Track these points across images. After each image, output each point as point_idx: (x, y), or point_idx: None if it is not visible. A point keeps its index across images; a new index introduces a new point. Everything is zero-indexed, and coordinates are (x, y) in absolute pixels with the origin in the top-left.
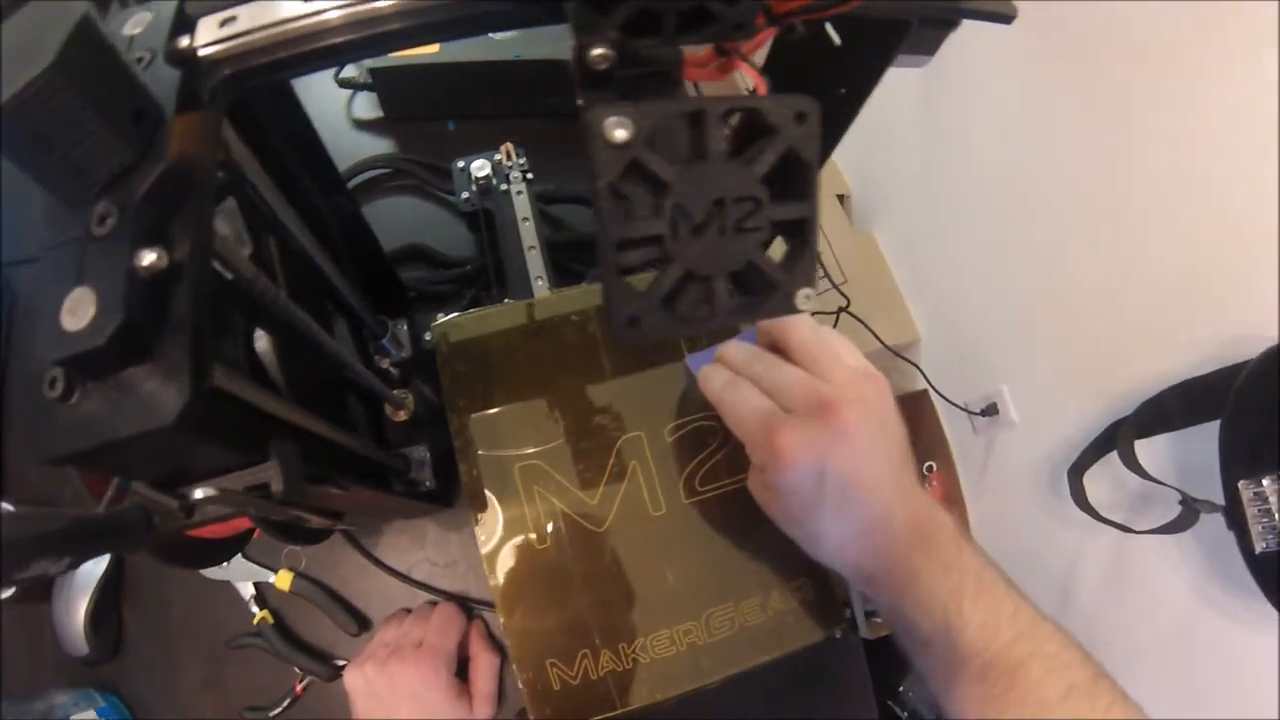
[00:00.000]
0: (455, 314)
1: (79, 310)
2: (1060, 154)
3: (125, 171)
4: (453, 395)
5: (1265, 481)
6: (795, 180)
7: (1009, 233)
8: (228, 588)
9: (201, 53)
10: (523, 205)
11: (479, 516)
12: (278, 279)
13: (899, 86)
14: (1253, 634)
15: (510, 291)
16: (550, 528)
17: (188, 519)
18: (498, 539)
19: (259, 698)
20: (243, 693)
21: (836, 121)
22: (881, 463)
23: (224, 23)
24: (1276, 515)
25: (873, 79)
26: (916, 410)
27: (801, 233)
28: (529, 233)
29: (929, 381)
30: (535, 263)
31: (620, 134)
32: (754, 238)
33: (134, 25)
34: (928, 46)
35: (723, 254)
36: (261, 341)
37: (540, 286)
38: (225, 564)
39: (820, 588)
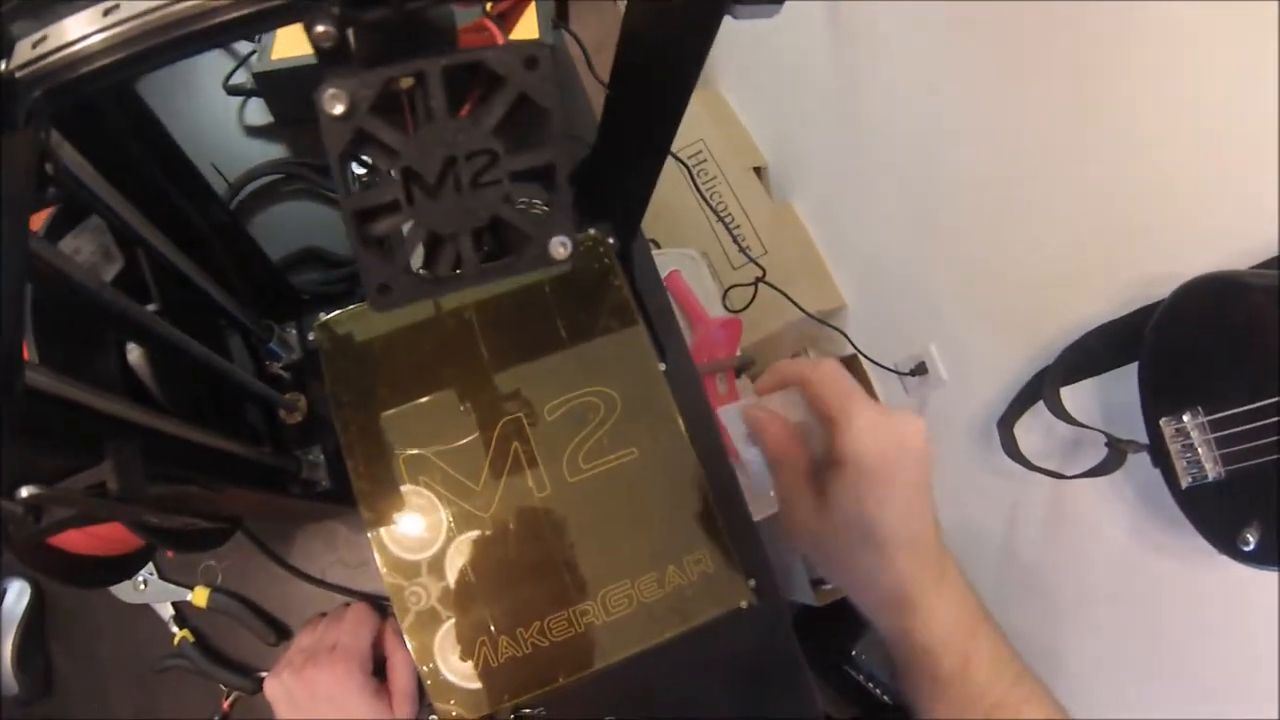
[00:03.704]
0: (337, 311)
1: None
2: (971, 110)
3: None
4: (337, 392)
5: (1185, 417)
6: (537, 127)
7: (925, 192)
8: (148, 611)
9: (19, 75)
10: None
11: (367, 513)
12: (150, 291)
13: (811, 54)
14: (1190, 567)
15: None
16: (437, 519)
17: (37, 524)
18: (387, 534)
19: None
20: (175, 716)
21: (687, 73)
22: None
23: (36, 43)
24: (1199, 450)
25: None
26: None
27: (551, 180)
28: None
29: (856, 347)
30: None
31: (338, 107)
32: (494, 192)
33: None
34: None
35: (464, 212)
36: (134, 353)
37: None
38: (142, 586)
39: (720, 561)
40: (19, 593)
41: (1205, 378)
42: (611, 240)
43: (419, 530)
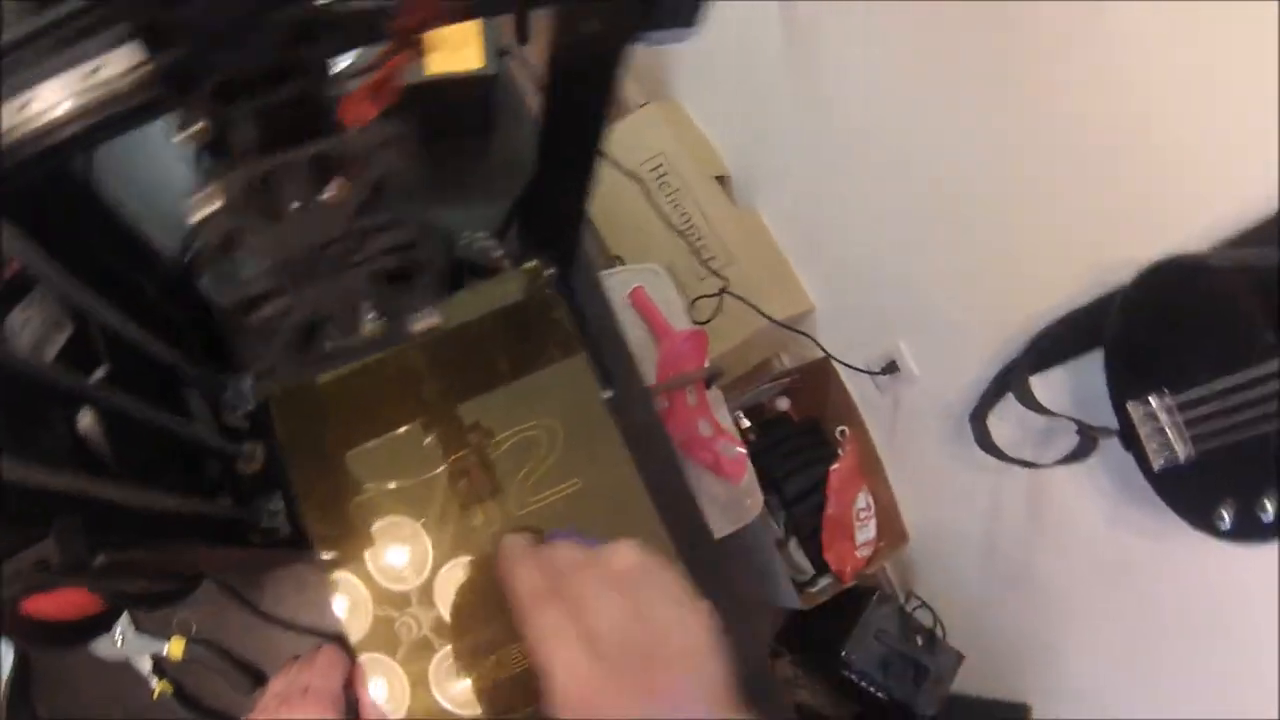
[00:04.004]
0: None
1: None
2: (927, 109)
3: None
4: (288, 441)
5: (1152, 400)
6: (401, 205)
7: (887, 191)
8: (128, 664)
9: None
10: None
11: (324, 557)
12: (100, 355)
13: (769, 59)
14: (1169, 545)
15: None
16: (394, 560)
17: None
18: (346, 578)
19: None
20: None
21: (599, 100)
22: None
23: None
24: (1168, 432)
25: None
26: (821, 378)
27: (412, 255)
28: None
29: (825, 350)
30: None
31: (210, 206)
32: (364, 271)
33: None
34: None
35: (336, 294)
36: (85, 419)
37: None
38: (119, 642)
39: None
40: (3, 652)
41: (1170, 360)
42: (550, 270)
43: (374, 574)
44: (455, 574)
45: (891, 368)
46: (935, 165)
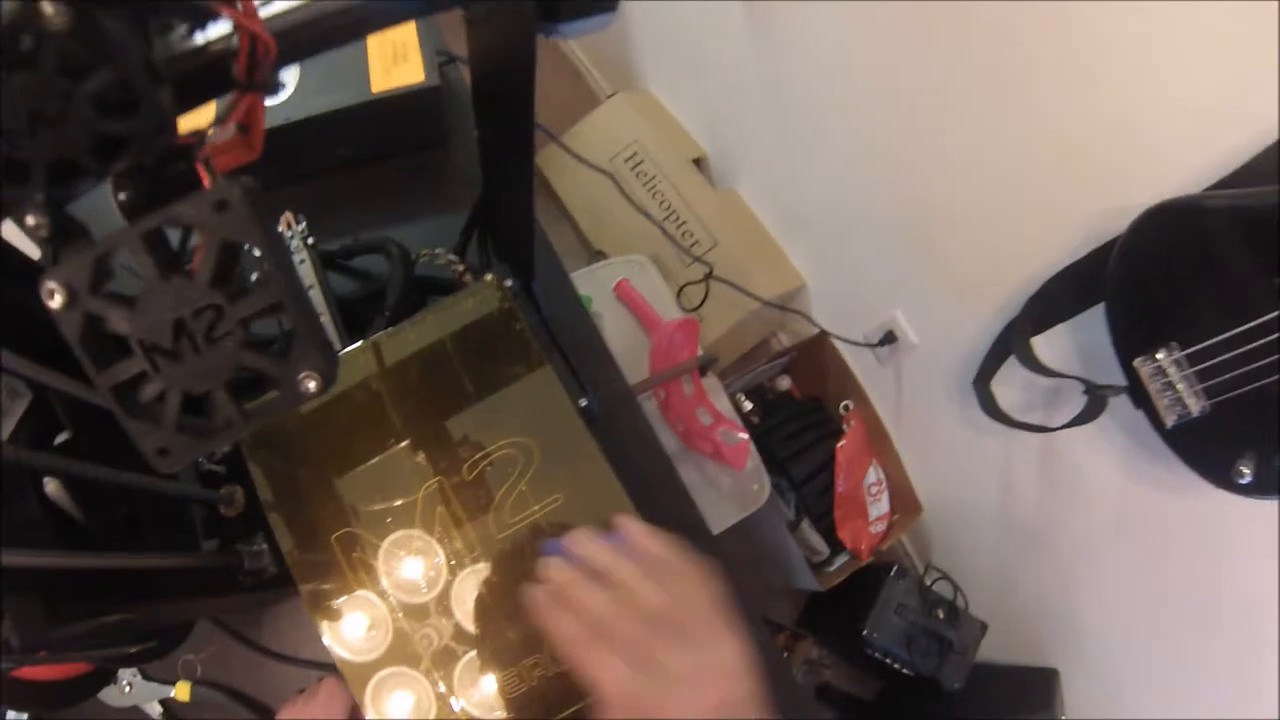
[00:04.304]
0: (253, 404)
1: None
2: (900, 67)
3: None
4: (263, 481)
5: (1160, 355)
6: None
7: (868, 158)
8: (139, 712)
9: None
10: (307, 273)
11: (310, 597)
12: (61, 420)
13: (732, 37)
14: (1185, 499)
15: None
16: (378, 592)
17: None
18: (334, 616)
19: None
20: None
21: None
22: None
23: None
24: (1179, 387)
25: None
26: (819, 354)
27: (285, 318)
28: (317, 300)
29: (819, 326)
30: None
31: (57, 300)
32: (231, 342)
33: None
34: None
35: (210, 367)
36: (50, 485)
37: None
38: (128, 689)
39: None
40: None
41: (1175, 311)
42: (509, 282)
43: (357, 611)
44: (441, 608)
45: (890, 338)
46: (915, 126)
